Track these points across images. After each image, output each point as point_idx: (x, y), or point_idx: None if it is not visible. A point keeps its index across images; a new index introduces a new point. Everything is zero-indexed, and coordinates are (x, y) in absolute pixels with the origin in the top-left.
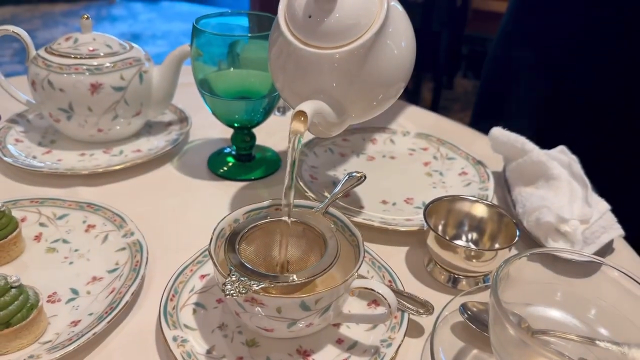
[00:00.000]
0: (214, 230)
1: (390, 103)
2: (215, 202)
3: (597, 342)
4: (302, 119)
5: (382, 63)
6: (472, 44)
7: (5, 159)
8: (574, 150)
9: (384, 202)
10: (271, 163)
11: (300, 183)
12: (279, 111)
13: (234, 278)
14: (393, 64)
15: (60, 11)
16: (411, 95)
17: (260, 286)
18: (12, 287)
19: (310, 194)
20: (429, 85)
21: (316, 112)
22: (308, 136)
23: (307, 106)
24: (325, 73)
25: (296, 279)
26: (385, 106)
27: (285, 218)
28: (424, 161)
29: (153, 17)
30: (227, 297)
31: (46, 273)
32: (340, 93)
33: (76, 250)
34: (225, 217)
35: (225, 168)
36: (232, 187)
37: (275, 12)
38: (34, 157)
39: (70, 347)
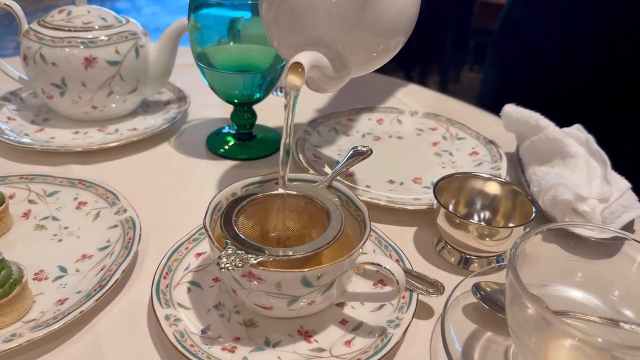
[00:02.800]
0: (210, 203)
1: (389, 57)
2: (214, 180)
3: (622, 324)
4: (300, 70)
5: (382, 9)
6: (479, 37)
7: None
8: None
9: (391, 181)
10: (273, 142)
11: (303, 161)
12: (281, 92)
13: (230, 251)
14: (394, 11)
15: (64, 4)
16: None
17: (258, 260)
18: None
19: (312, 172)
20: (435, 79)
21: (314, 64)
22: (311, 115)
23: (304, 57)
24: (321, 20)
25: (296, 253)
26: (384, 59)
27: (284, 190)
28: (433, 141)
29: (157, 11)
30: (223, 271)
31: (33, 250)
32: (338, 43)
33: (66, 228)
34: (222, 190)
35: (226, 147)
36: (231, 167)
37: None
38: (26, 135)
39: (55, 326)
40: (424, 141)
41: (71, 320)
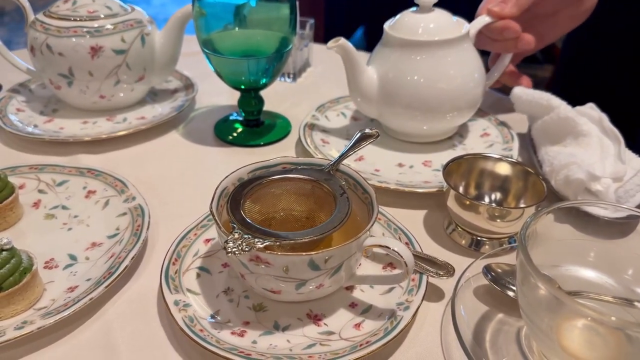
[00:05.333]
0: (217, 188)
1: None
2: (223, 167)
3: (636, 303)
4: None
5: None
6: None
7: (5, 127)
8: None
9: (400, 165)
10: (281, 128)
11: (311, 146)
12: (289, 77)
13: (236, 235)
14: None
15: None
16: None
17: (264, 244)
18: (3, 250)
19: (321, 156)
20: None
21: None
22: (320, 100)
23: None
24: None
25: (303, 237)
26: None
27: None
28: None
29: (166, 2)
30: (230, 255)
31: (44, 239)
32: None
33: (76, 217)
34: (228, 175)
35: (234, 134)
36: (240, 153)
37: None
38: (35, 126)
39: (66, 313)
40: None
41: (81, 307)
